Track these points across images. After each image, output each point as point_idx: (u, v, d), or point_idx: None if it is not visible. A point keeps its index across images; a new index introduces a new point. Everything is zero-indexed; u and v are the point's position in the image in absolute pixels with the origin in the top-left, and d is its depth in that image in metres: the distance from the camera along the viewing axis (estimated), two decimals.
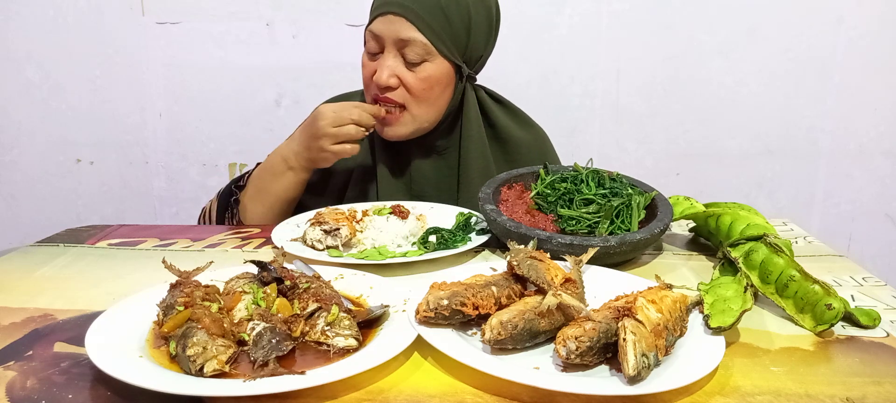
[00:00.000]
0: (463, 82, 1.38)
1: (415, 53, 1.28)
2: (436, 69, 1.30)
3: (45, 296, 0.99)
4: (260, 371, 0.74)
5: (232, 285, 0.92)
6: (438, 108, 1.36)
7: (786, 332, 0.89)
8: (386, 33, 1.29)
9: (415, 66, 1.29)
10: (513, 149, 1.48)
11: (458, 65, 1.34)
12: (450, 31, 1.30)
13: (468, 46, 1.34)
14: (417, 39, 1.27)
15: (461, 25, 1.31)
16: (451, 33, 1.30)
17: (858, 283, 1.06)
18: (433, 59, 1.30)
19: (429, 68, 1.30)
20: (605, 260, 1.06)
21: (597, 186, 1.23)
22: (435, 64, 1.30)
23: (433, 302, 0.82)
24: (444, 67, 1.32)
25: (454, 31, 1.31)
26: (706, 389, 0.74)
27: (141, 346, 0.80)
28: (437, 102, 1.35)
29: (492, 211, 1.14)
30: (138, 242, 1.26)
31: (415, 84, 1.30)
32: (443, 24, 1.29)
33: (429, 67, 1.30)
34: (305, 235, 1.18)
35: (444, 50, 1.30)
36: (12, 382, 0.76)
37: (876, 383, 0.77)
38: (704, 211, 1.19)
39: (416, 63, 1.29)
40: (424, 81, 1.30)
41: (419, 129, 1.37)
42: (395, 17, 1.27)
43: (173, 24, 2.01)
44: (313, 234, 1.16)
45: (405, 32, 1.28)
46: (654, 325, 0.77)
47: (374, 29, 1.31)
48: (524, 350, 0.81)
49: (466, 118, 1.42)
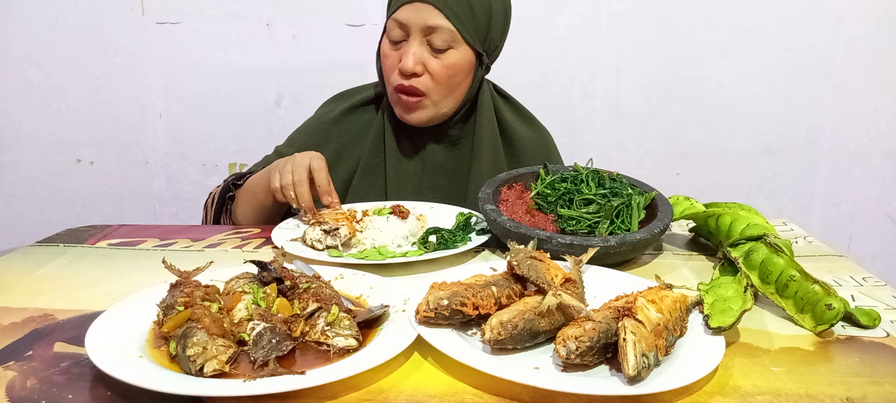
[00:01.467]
0: (482, 70, 1.43)
1: (441, 40, 1.32)
2: (459, 56, 1.34)
3: (45, 296, 0.99)
4: (260, 371, 0.74)
5: (232, 285, 0.92)
6: (458, 96, 1.40)
7: (786, 332, 0.89)
8: (412, 20, 1.32)
9: (439, 54, 1.33)
10: (517, 145, 1.50)
11: (478, 53, 1.38)
12: (473, 19, 1.34)
13: (488, 35, 1.38)
14: (444, 26, 1.31)
15: (483, 14, 1.35)
16: (474, 21, 1.34)
17: (858, 283, 1.06)
18: (458, 47, 1.34)
19: (453, 55, 1.34)
20: (605, 260, 1.06)
21: (597, 186, 1.23)
22: (459, 51, 1.34)
23: (433, 302, 0.82)
24: (467, 55, 1.36)
25: (476, 19, 1.35)
26: (706, 389, 0.74)
27: (141, 346, 0.80)
28: (458, 90, 1.39)
29: (492, 211, 1.14)
30: (138, 242, 1.26)
31: (439, 71, 1.34)
32: (467, 12, 1.33)
33: (453, 54, 1.34)
34: (305, 235, 1.18)
35: (467, 37, 1.34)
36: (12, 382, 0.76)
37: (876, 383, 0.77)
38: (704, 211, 1.19)
39: (441, 50, 1.33)
40: (449, 68, 1.34)
41: (438, 115, 1.40)
42: (422, 4, 1.31)
43: (173, 24, 2.01)
44: (313, 234, 1.16)
45: (432, 19, 1.31)
46: (654, 325, 0.77)
47: (399, 17, 1.34)
48: (524, 350, 0.81)
49: (481, 106, 1.46)
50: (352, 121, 1.50)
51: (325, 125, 1.50)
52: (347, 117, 1.51)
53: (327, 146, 1.46)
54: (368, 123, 1.50)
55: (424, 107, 1.38)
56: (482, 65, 1.41)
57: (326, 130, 1.49)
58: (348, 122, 1.50)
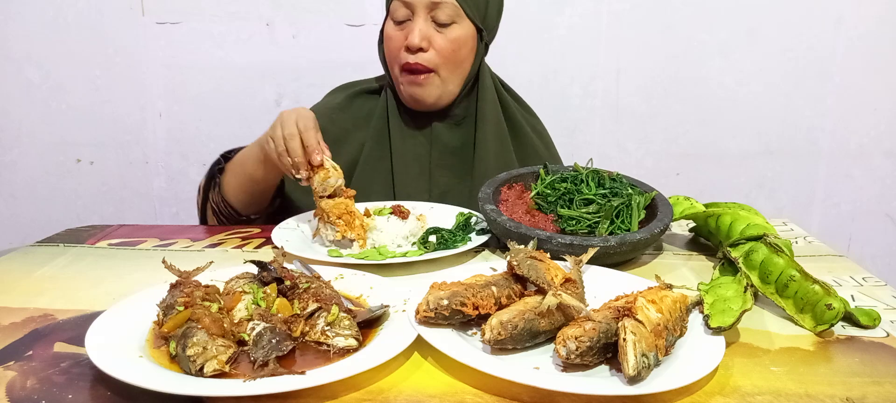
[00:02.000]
0: (482, 47, 1.47)
1: (445, 14, 1.37)
2: (462, 31, 1.40)
3: (45, 296, 0.99)
4: (260, 371, 0.74)
5: (232, 285, 0.92)
6: (463, 73, 1.45)
7: (786, 332, 0.89)
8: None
9: (444, 28, 1.39)
10: (520, 131, 1.54)
11: (479, 28, 1.43)
12: None
13: (487, 11, 1.44)
14: (448, 1, 1.37)
15: None
16: None
17: (858, 283, 1.06)
18: (460, 22, 1.39)
19: (456, 30, 1.39)
20: (605, 260, 1.06)
21: (597, 186, 1.23)
22: (462, 26, 1.40)
23: (433, 302, 0.82)
24: (470, 30, 1.41)
25: None
26: (706, 389, 0.74)
27: (141, 346, 0.80)
28: (463, 65, 1.44)
29: (492, 211, 1.14)
30: (138, 242, 1.26)
31: (444, 45, 1.39)
32: None
33: (456, 29, 1.39)
34: (318, 231, 1.21)
35: (469, 11, 1.40)
36: (12, 382, 0.76)
37: (876, 383, 0.77)
38: (704, 211, 1.19)
39: (445, 24, 1.38)
40: (453, 42, 1.39)
41: (445, 93, 1.44)
42: None
43: (173, 24, 2.00)
44: (326, 232, 1.20)
45: None
46: (654, 325, 0.77)
47: None
48: (524, 350, 0.81)
49: (483, 84, 1.50)
50: (357, 106, 1.54)
51: (330, 111, 1.52)
52: (353, 103, 1.54)
53: (332, 129, 1.46)
54: (372, 109, 1.52)
55: (432, 83, 1.41)
56: (482, 40, 1.46)
57: (331, 115, 1.51)
58: (354, 108, 1.54)
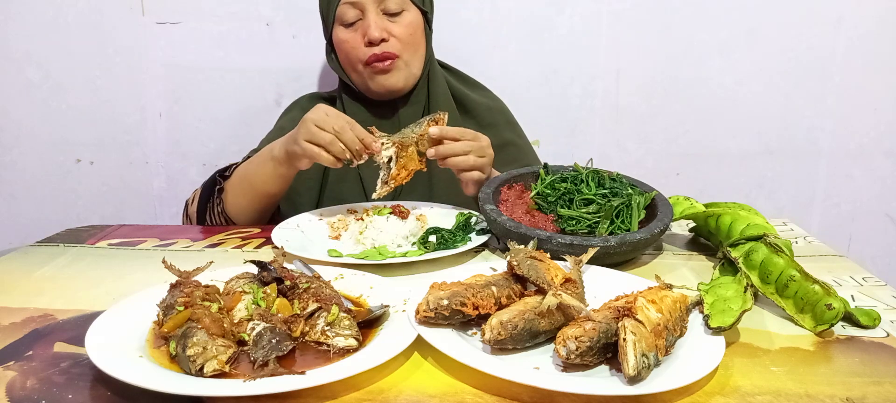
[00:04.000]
0: (430, 30, 1.58)
1: (394, 3, 1.47)
2: (413, 16, 1.50)
3: (45, 296, 0.99)
4: (260, 371, 0.74)
5: (232, 285, 0.92)
6: (421, 54, 1.55)
7: (786, 332, 0.89)
8: None
9: (395, 18, 1.48)
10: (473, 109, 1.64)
11: (423, 11, 1.54)
12: None
13: None
14: None
15: None
16: None
17: (858, 283, 1.06)
18: (408, 8, 1.50)
19: (407, 16, 1.49)
20: (605, 260, 1.06)
21: (597, 186, 1.23)
22: (411, 12, 1.50)
23: (433, 302, 0.82)
24: (418, 15, 1.52)
25: None
26: (706, 389, 0.75)
27: (141, 346, 0.80)
28: (420, 49, 1.54)
29: (492, 211, 1.14)
30: (138, 242, 1.26)
31: (401, 31, 1.48)
32: None
33: (407, 15, 1.49)
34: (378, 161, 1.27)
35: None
36: (12, 382, 0.76)
37: (876, 383, 0.77)
38: (704, 211, 1.19)
39: (396, 13, 1.47)
40: (408, 26, 1.49)
41: (411, 76, 1.53)
42: None
43: (173, 24, 2.00)
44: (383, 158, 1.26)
45: None
46: (654, 325, 0.77)
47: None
48: (524, 350, 0.81)
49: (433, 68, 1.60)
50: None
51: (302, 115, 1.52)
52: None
53: None
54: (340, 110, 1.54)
55: (398, 68, 1.49)
56: (429, 23, 1.57)
57: None
58: None
